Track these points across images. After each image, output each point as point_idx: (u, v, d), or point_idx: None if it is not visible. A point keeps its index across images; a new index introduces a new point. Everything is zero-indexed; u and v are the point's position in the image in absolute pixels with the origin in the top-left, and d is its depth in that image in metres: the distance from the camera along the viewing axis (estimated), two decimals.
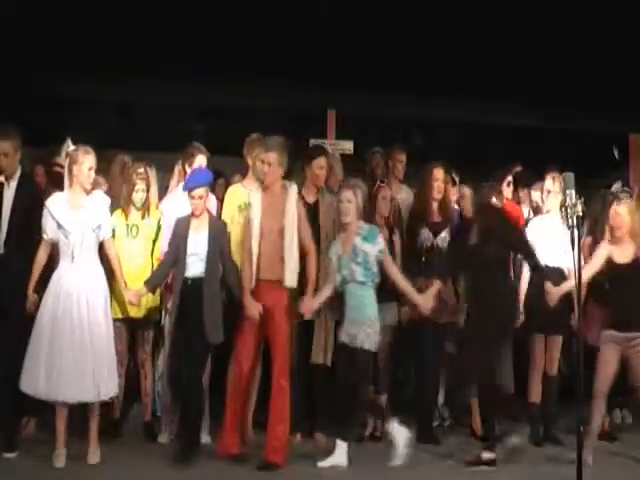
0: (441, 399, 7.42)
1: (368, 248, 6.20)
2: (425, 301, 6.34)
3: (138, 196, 6.62)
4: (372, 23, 8.49)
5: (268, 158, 6.22)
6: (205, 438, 6.54)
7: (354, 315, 6.18)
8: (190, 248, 6.11)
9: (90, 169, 6.11)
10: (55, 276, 6.07)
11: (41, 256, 6.15)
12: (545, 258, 6.68)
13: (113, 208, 6.52)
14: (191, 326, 6.06)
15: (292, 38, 8.37)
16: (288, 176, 6.44)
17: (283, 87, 8.86)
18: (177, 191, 6.79)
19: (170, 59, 8.31)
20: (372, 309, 6.21)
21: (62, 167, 6.60)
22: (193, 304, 6.08)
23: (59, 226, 6.06)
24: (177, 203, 6.60)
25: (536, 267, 6.47)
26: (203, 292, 6.08)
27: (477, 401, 6.97)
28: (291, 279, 6.15)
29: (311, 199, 6.91)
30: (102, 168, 6.84)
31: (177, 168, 6.92)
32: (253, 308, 6.13)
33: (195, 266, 6.11)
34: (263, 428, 6.41)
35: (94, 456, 6.12)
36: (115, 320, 6.40)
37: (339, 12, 8.44)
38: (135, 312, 6.53)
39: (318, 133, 9.30)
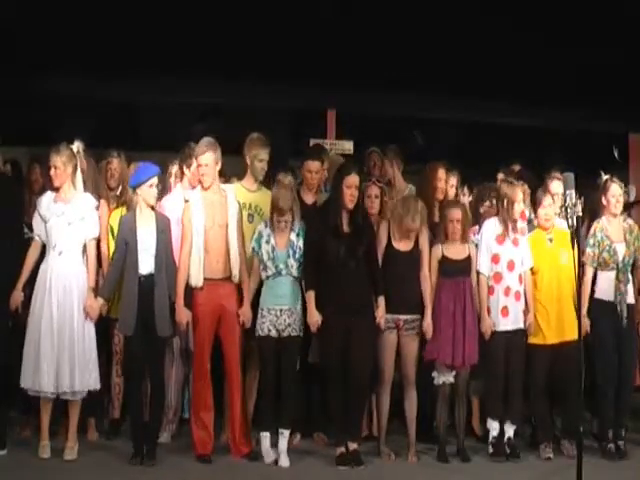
0: None
1: (302, 244, 6.34)
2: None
3: None
4: (372, 23, 8.49)
5: (204, 160, 6.33)
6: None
7: (287, 302, 6.29)
8: (140, 245, 6.14)
9: (55, 167, 6.19)
10: (41, 270, 6.19)
11: (30, 256, 6.25)
12: None
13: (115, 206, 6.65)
14: (146, 323, 6.10)
15: (292, 38, 8.37)
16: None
17: (283, 87, 8.85)
18: (176, 191, 6.82)
19: (170, 59, 8.30)
20: (301, 298, 6.34)
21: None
22: (146, 301, 6.10)
23: (41, 218, 6.19)
24: (176, 203, 6.61)
25: None
26: (155, 288, 6.13)
27: (477, 401, 7.00)
28: (237, 274, 6.31)
29: (309, 200, 6.93)
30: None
31: (175, 168, 6.93)
32: (182, 316, 6.23)
33: (147, 263, 6.14)
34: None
35: (71, 452, 6.15)
36: (115, 320, 6.43)
37: (339, 12, 8.44)
38: None
39: (318, 133, 9.29)
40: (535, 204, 6.91)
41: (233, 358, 6.34)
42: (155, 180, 6.22)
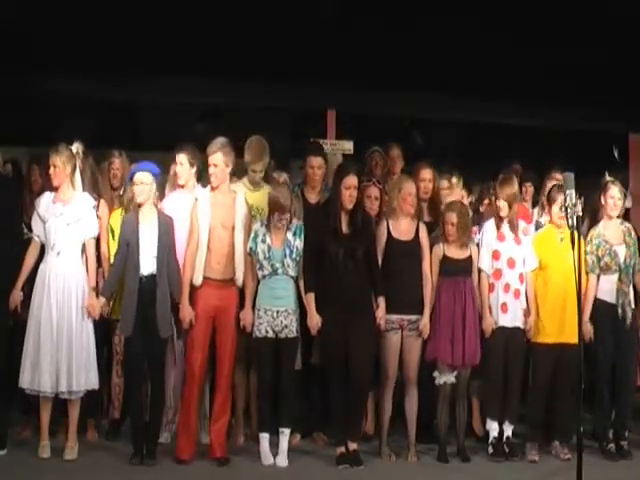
0: None
1: (299, 244, 6.31)
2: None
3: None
4: (372, 23, 8.49)
5: (213, 160, 6.30)
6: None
7: (284, 304, 6.27)
8: (141, 245, 6.13)
9: (54, 167, 6.21)
10: (40, 270, 6.20)
11: (30, 255, 6.26)
12: None
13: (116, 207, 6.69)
14: (147, 324, 6.10)
15: (292, 38, 8.37)
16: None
17: (283, 87, 8.85)
18: (175, 192, 6.80)
19: (170, 59, 8.30)
20: (298, 299, 6.32)
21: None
22: (148, 301, 6.10)
23: (40, 218, 6.20)
24: (176, 203, 6.61)
25: None
26: (156, 289, 6.12)
27: (477, 401, 7.00)
28: (240, 278, 6.29)
29: (313, 199, 6.91)
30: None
31: (175, 168, 6.93)
32: (187, 314, 6.21)
33: (149, 263, 6.13)
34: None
35: (71, 452, 6.16)
36: (116, 321, 6.43)
37: (339, 12, 8.44)
38: None
39: (318, 133, 9.29)
40: (536, 204, 6.87)
41: (221, 361, 6.28)
42: (144, 177, 6.18)
